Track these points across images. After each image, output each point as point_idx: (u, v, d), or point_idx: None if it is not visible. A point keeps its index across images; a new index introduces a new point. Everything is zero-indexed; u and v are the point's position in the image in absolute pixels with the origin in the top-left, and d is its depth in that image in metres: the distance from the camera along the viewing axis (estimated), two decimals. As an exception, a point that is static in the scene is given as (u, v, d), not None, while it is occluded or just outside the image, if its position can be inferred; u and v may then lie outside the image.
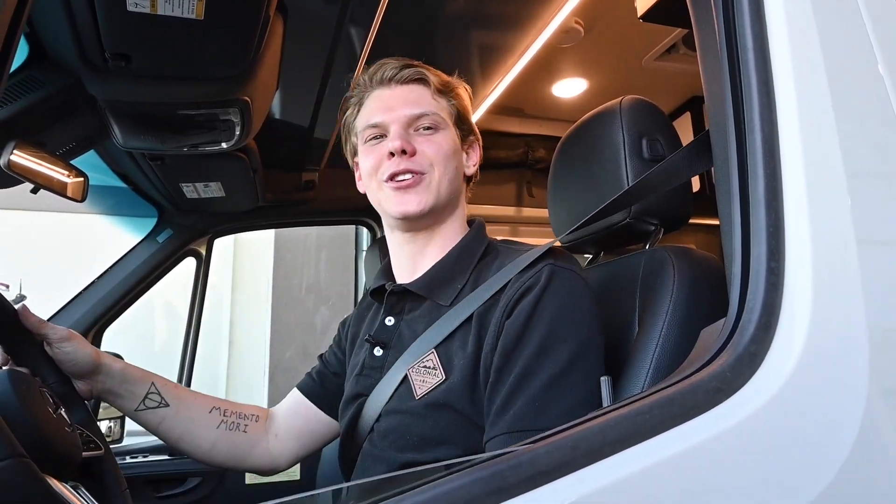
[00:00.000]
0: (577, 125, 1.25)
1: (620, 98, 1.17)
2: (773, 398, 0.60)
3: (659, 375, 0.89)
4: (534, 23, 2.03)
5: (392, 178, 1.06)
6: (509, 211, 3.08)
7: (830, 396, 0.62)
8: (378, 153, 1.09)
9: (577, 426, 0.57)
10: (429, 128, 1.09)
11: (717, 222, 0.80)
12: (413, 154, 1.06)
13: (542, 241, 1.13)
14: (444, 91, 1.14)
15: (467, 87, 1.20)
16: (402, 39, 1.11)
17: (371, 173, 1.10)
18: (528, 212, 3.10)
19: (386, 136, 1.09)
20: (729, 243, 0.71)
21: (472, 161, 1.19)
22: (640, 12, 1.47)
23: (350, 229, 4.52)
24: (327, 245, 4.92)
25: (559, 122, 2.89)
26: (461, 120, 1.16)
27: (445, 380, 0.95)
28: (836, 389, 0.62)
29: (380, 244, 2.55)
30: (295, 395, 1.31)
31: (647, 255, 1.08)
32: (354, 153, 1.20)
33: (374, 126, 1.10)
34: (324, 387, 1.28)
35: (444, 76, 1.16)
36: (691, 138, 2.92)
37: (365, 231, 3.04)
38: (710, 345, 0.66)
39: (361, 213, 2.78)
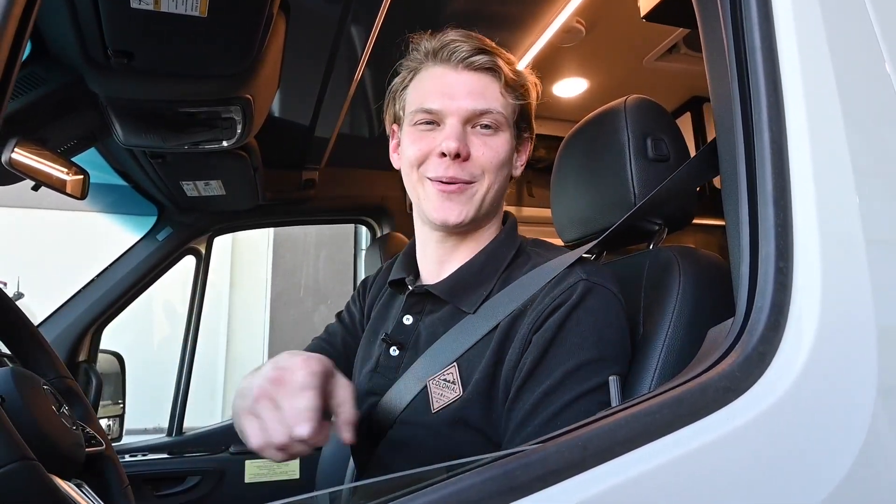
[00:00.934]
0: (580, 124, 1.24)
1: (625, 97, 1.16)
2: (782, 398, 0.60)
3: (665, 375, 0.89)
4: (536, 22, 2.03)
5: (437, 178, 0.98)
6: (509, 210, 3.08)
7: (839, 396, 0.62)
8: (427, 144, 0.99)
9: (586, 426, 0.57)
10: (488, 127, 0.99)
11: (717, 222, 0.80)
12: (467, 159, 0.98)
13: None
14: (514, 87, 1.03)
15: (537, 81, 1.10)
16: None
17: (413, 164, 1.01)
18: (528, 211, 3.10)
19: (439, 126, 0.99)
20: (736, 243, 0.71)
21: (521, 161, 1.10)
22: (643, 12, 1.47)
23: (349, 228, 4.52)
24: (326, 244, 4.91)
25: (560, 122, 2.89)
26: (523, 118, 1.07)
27: (461, 395, 0.91)
28: (845, 389, 0.62)
29: (380, 243, 2.55)
30: None
31: (652, 256, 1.07)
32: (394, 120, 1.11)
33: (429, 111, 0.99)
34: (333, 346, 1.24)
35: (516, 64, 1.05)
36: (692, 138, 2.92)
37: (364, 230, 3.04)
38: (718, 344, 0.66)
39: (361, 212, 2.79)
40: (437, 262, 1.08)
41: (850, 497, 0.59)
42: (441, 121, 0.99)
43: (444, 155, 0.97)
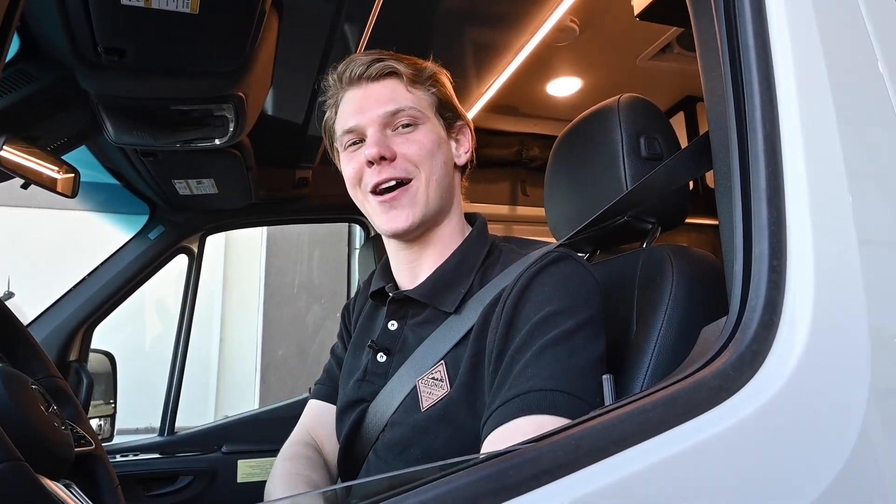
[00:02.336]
0: (574, 123, 1.24)
1: (618, 96, 1.16)
2: (776, 397, 0.60)
3: (658, 374, 0.89)
4: (529, 21, 2.03)
5: (376, 189, 1.01)
6: (503, 209, 3.09)
7: (832, 395, 0.62)
8: (358, 161, 1.03)
9: (580, 424, 0.57)
10: (407, 125, 1.02)
11: (709, 221, 0.80)
12: (394, 159, 1.00)
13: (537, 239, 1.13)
14: (419, 80, 1.06)
15: (445, 70, 1.12)
16: (398, 37, 1.11)
17: (354, 183, 1.05)
18: (523, 210, 3.11)
19: (364, 141, 1.03)
20: (730, 241, 0.71)
21: (463, 148, 1.11)
22: (636, 11, 1.47)
23: (343, 227, 4.51)
24: (320, 243, 4.90)
25: (553, 121, 2.90)
26: (444, 107, 1.09)
27: (449, 393, 0.92)
28: (838, 388, 0.62)
29: (373, 242, 2.54)
30: (319, 408, 1.23)
31: (645, 254, 1.08)
32: (339, 157, 1.14)
33: (351, 131, 1.04)
34: (335, 382, 1.23)
35: (419, 62, 1.09)
36: (685, 137, 2.94)
37: (358, 229, 3.03)
38: (711, 343, 0.66)
39: (355, 210, 2.76)
40: (409, 269, 1.09)
41: (842, 496, 0.59)
42: (363, 135, 1.03)
43: (371, 163, 1.00)
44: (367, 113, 1.02)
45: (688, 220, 1.20)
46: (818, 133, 0.70)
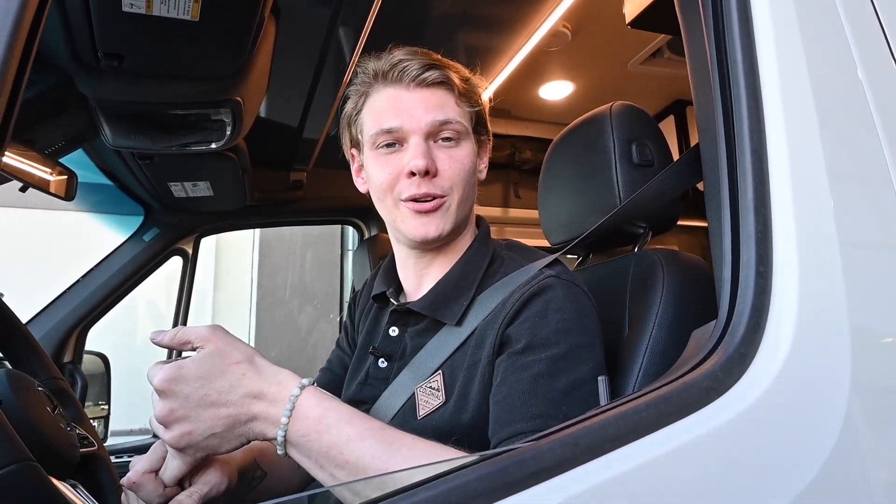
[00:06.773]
0: (567, 130, 1.27)
1: (610, 104, 1.19)
2: (762, 397, 0.63)
3: (649, 374, 0.92)
4: (523, 26, 2.06)
5: (411, 198, 0.99)
6: (496, 211, 3.11)
7: (815, 394, 0.65)
8: (394, 167, 0.99)
9: (578, 423, 0.59)
10: (449, 139, 1.00)
11: (700, 224, 0.82)
12: (435, 174, 0.98)
13: (529, 241, 1.15)
14: (467, 95, 1.04)
15: (487, 85, 1.12)
16: (393, 41, 1.13)
17: (385, 189, 1.01)
18: (515, 212, 3.13)
19: (402, 145, 1.00)
20: (718, 248, 0.73)
21: (483, 164, 1.11)
22: (628, 19, 1.50)
23: (336, 228, 4.51)
24: (313, 244, 4.90)
25: (546, 124, 2.93)
26: (479, 123, 1.08)
27: (444, 403, 0.94)
28: (821, 387, 0.65)
29: (369, 244, 2.56)
30: None
31: (637, 258, 1.10)
32: (353, 145, 1.11)
33: (389, 132, 0.99)
34: (335, 372, 1.24)
35: (467, 73, 1.07)
36: (675, 140, 2.96)
37: (351, 231, 3.04)
38: (701, 345, 0.69)
39: (349, 212, 2.79)
40: (416, 276, 1.10)
41: (826, 488, 0.62)
42: (403, 140, 1.00)
43: (412, 174, 0.97)
44: (414, 118, 0.98)
45: (679, 223, 1.23)
46: (802, 143, 0.73)
